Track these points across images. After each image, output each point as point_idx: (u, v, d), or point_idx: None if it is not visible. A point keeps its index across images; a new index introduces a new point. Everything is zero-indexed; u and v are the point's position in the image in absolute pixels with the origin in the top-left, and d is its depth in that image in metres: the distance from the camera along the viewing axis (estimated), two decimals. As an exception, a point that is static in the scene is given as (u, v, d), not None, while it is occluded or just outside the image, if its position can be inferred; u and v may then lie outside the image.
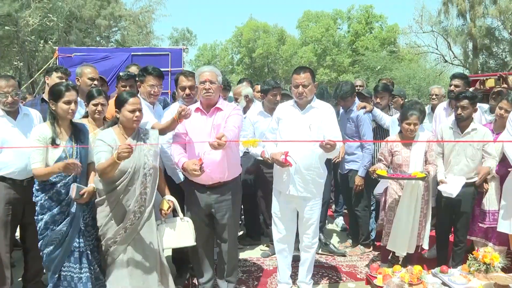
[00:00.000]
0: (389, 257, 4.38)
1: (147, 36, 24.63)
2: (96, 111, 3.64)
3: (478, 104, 4.49)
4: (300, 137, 3.62)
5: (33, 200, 3.29)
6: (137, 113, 3.30)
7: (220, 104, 3.63)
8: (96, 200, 3.30)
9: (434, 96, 5.55)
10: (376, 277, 3.50)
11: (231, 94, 5.55)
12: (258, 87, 5.58)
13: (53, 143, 3.20)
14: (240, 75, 33.91)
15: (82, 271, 3.27)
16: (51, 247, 3.23)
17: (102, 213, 3.27)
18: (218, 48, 43.34)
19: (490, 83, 5.54)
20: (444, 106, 5.12)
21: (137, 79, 4.07)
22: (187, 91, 3.99)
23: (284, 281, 4.00)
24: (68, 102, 3.25)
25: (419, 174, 3.93)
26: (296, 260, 4.10)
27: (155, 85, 3.91)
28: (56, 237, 3.22)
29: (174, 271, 4.28)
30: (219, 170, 3.53)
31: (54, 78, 4.57)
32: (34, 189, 3.30)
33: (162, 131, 3.57)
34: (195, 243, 3.62)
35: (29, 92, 11.72)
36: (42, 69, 8.89)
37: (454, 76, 5.19)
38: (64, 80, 4.26)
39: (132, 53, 7.48)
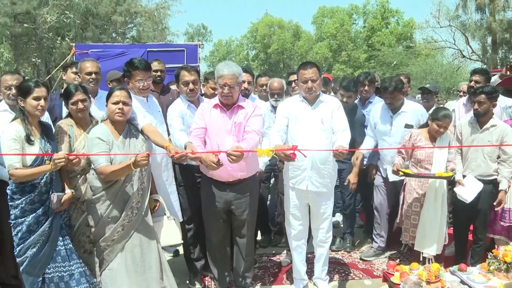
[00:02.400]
0: (420, 259, 4.13)
1: (163, 32, 24.70)
2: (78, 110, 3.33)
3: (502, 98, 4.38)
4: (314, 132, 3.67)
5: (10, 203, 3.07)
6: (120, 105, 3.21)
7: (242, 102, 3.61)
8: (91, 198, 3.20)
9: (462, 93, 5.46)
10: (393, 275, 3.46)
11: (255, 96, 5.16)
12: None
13: (28, 140, 3.05)
14: (256, 71, 33.60)
15: (73, 267, 3.16)
16: (35, 249, 3.05)
17: (98, 211, 3.17)
18: (233, 44, 43.43)
19: None
20: (463, 101, 5.02)
21: (124, 76, 3.78)
22: (191, 86, 3.83)
23: (300, 278, 3.99)
24: (37, 98, 3.08)
25: (445, 174, 3.85)
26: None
27: (143, 79, 3.64)
28: (40, 238, 3.06)
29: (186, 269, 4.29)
30: (240, 167, 3.52)
31: (70, 74, 4.55)
32: (9, 191, 3.07)
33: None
34: (182, 241, 3.71)
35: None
36: (60, 65, 9.00)
37: (474, 72, 5.04)
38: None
39: (147, 49, 7.48)
